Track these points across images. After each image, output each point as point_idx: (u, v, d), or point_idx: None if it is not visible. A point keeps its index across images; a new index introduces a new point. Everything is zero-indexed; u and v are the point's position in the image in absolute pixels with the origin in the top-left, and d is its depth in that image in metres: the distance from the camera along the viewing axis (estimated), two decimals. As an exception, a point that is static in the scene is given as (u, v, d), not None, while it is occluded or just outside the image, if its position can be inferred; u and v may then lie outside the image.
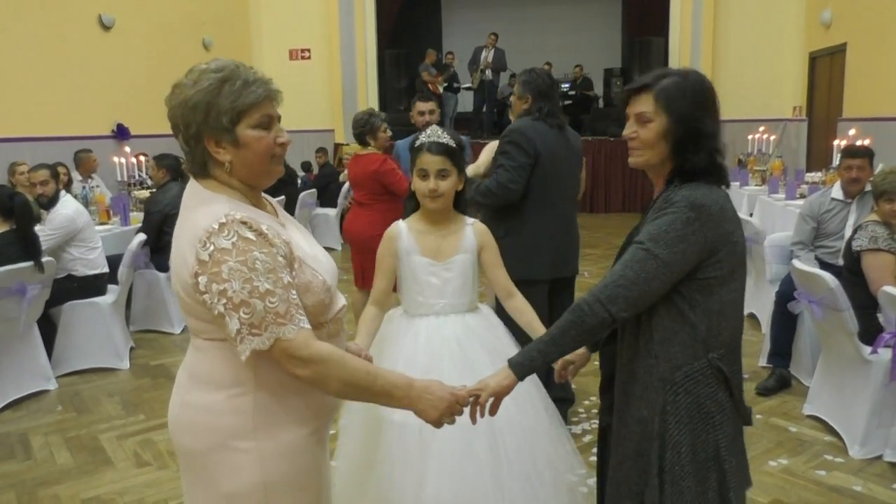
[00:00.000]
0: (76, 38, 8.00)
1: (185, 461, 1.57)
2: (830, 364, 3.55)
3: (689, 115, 1.60)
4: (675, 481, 1.60)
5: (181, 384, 1.55)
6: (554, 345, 1.64)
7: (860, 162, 4.09)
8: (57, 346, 4.52)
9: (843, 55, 9.32)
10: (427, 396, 1.55)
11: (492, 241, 2.39)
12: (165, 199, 5.33)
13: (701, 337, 1.60)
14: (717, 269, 1.59)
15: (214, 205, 1.42)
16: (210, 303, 1.36)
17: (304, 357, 1.39)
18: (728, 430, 1.63)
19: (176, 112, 1.44)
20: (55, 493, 3.11)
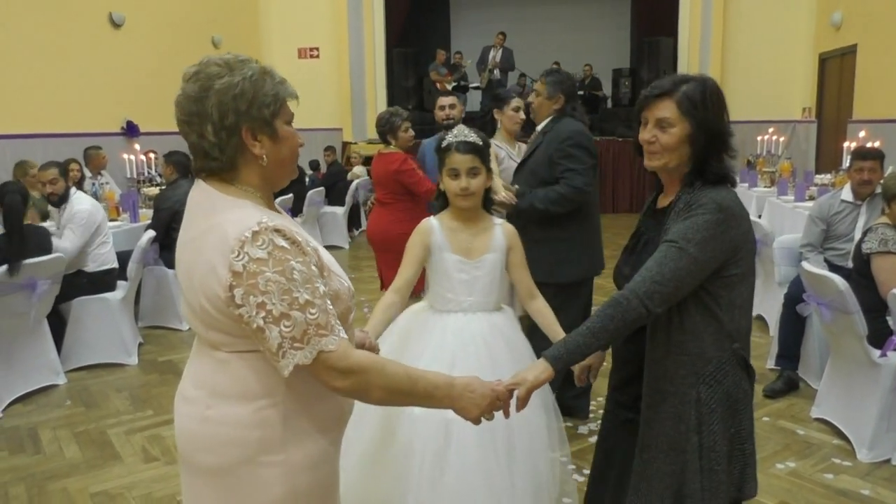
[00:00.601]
0: (86, 36, 8.04)
1: (203, 479, 1.45)
2: (839, 367, 3.53)
3: (710, 122, 1.69)
4: (712, 467, 1.70)
5: (197, 400, 1.44)
6: (594, 337, 1.67)
7: (871, 164, 4.08)
8: (66, 341, 4.54)
9: (853, 57, 9.28)
10: (468, 395, 1.52)
11: (519, 243, 2.42)
12: (175, 195, 5.34)
13: (726, 330, 1.70)
14: (739, 266, 1.69)
15: (242, 211, 1.34)
16: (247, 316, 1.28)
17: (344, 368, 1.33)
18: (748, 411, 1.76)
19: (208, 100, 1.33)
20: (64, 486, 3.13)
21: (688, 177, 1.73)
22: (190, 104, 1.35)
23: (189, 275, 1.37)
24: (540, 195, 3.19)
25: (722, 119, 1.72)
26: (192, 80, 1.36)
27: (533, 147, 3.39)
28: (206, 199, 1.39)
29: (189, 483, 1.50)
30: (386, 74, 12.01)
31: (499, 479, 2.14)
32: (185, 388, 1.49)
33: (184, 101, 1.36)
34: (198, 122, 1.35)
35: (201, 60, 1.39)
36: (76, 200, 4.55)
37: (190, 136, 1.38)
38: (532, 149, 3.40)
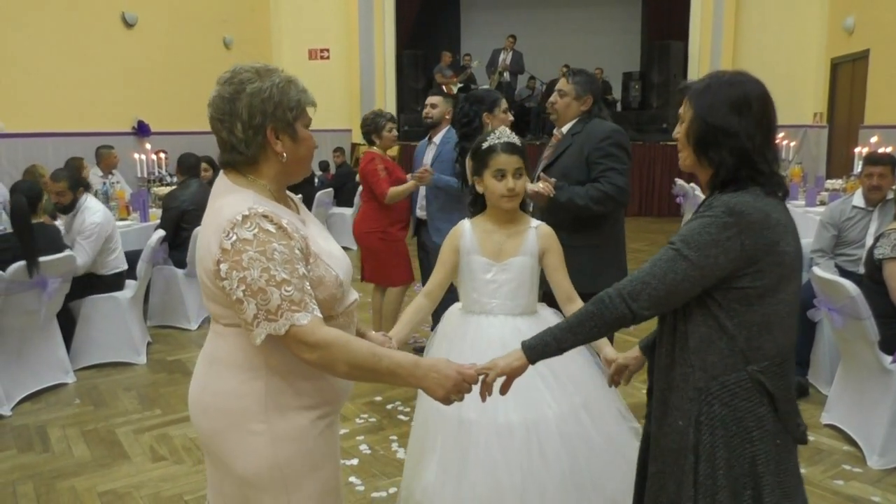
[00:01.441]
0: (99, 36, 8.09)
1: (205, 443, 1.66)
2: (850, 373, 3.51)
3: (708, 112, 1.57)
4: (708, 494, 1.56)
5: (201, 368, 1.64)
6: (570, 332, 1.64)
7: (881, 169, 4.05)
8: (76, 339, 4.56)
9: (865, 62, 9.23)
10: (433, 374, 1.59)
11: (557, 245, 2.36)
12: (184, 195, 5.37)
13: (739, 348, 1.55)
14: (757, 279, 1.53)
15: (240, 197, 1.51)
16: (229, 288, 1.44)
17: (312, 342, 1.46)
18: (768, 446, 1.57)
19: (240, 100, 1.51)
20: (72, 485, 3.14)
21: (711, 181, 1.61)
22: (224, 104, 1.53)
23: (198, 251, 1.56)
24: (580, 191, 3.02)
25: (729, 111, 1.55)
26: (226, 84, 1.54)
27: (561, 149, 3.21)
28: (221, 187, 1.58)
29: (202, 445, 1.71)
30: (396, 76, 12.04)
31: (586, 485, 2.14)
32: (199, 358, 1.69)
33: (218, 101, 1.54)
34: (229, 120, 1.53)
35: (234, 68, 1.56)
36: (88, 210, 4.49)
37: (221, 132, 1.55)
38: (560, 151, 3.21)
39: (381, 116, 4.56)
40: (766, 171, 1.56)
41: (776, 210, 1.56)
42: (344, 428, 3.54)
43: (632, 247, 8.37)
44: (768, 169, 1.57)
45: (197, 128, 9.10)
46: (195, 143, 7.86)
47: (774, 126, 1.60)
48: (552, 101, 3.29)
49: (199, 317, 5.44)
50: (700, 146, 1.59)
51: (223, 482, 1.64)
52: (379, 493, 3.01)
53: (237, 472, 1.57)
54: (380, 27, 11.76)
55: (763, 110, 1.57)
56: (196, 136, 8.89)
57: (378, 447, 3.44)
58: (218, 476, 1.65)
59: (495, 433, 2.13)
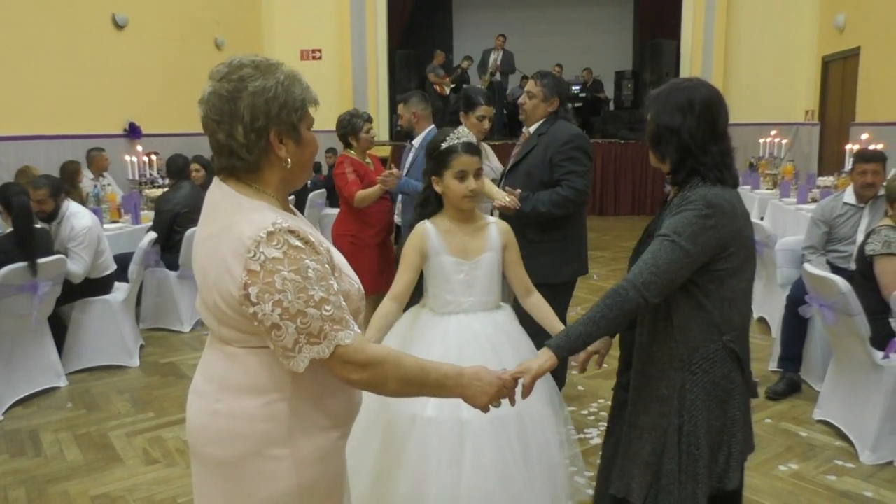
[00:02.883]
0: (89, 38, 8.05)
1: (212, 471, 1.49)
2: (841, 369, 3.52)
3: (658, 114, 1.81)
4: (690, 451, 1.78)
5: (207, 394, 1.48)
6: (595, 326, 1.75)
7: (874, 166, 4.07)
8: (67, 343, 4.54)
9: (856, 59, 9.27)
10: (476, 383, 1.58)
11: (514, 240, 2.43)
12: (176, 197, 5.36)
13: (715, 322, 1.78)
14: (728, 261, 1.77)
15: (258, 213, 1.37)
16: (262, 314, 1.31)
17: (362, 361, 1.38)
18: (739, 404, 1.82)
19: (241, 101, 1.36)
20: (65, 489, 3.13)
21: (673, 177, 1.84)
22: (222, 103, 1.37)
23: (204, 272, 1.41)
24: (543, 198, 3.18)
25: (679, 113, 1.78)
26: (224, 80, 1.38)
27: (527, 149, 3.36)
28: (224, 198, 1.42)
29: (199, 476, 1.53)
30: (388, 76, 12.02)
31: (516, 478, 2.15)
32: (197, 383, 1.53)
33: (215, 100, 1.38)
34: (228, 122, 1.37)
35: (230, 61, 1.41)
36: (74, 217, 4.40)
37: (217, 134, 1.40)
38: (526, 150, 3.36)
39: (357, 117, 4.43)
40: (708, 163, 1.79)
41: (737, 200, 1.81)
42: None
43: (624, 245, 8.39)
44: (711, 161, 1.79)
45: (188, 129, 9.09)
46: (187, 145, 7.84)
47: (720, 124, 1.82)
48: (521, 101, 3.41)
49: (192, 319, 5.42)
50: (652, 144, 1.84)
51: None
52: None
53: (256, 499, 1.45)
54: (372, 27, 11.74)
55: (706, 111, 1.79)
56: (188, 138, 8.87)
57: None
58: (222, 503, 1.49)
59: (492, 428, 2.14)
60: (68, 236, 4.36)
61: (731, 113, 1.84)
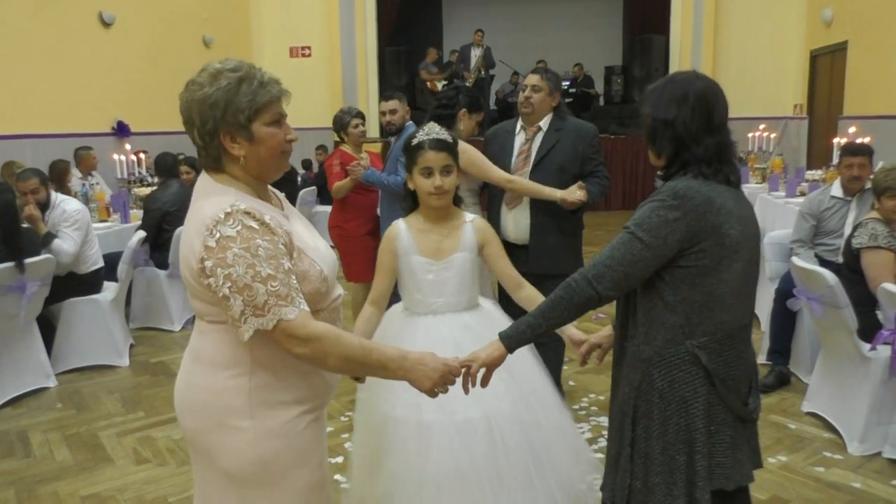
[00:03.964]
0: (76, 36, 7.99)
1: (190, 441, 1.66)
2: (830, 361, 3.55)
3: (654, 108, 1.75)
4: (644, 454, 1.72)
5: (185, 366, 1.64)
6: (543, 318, 1.74)
7: (861, 160, 4.09)
8: (57, 343, 4.52)
9: (843, 53, 9.31)
10: (420, 367, 1.63)
11: (494, 236, 2.41)
12: (165, 196, 5.34)
13: (680, 323, 1.68)
14: (699, 258, 1.65)
15: (221, 196, 1.51)
16: (214, 286, 1.44)
17: (303, 336, 1.47)
18: (702, 417, 1.68)
19: (192, 108, 1.52)
20: (54, 490, 3.12)
21: (667, 172, 1.78)
22: (183, 110, 1.55)
23: (181, 250, 1.56)
24: (595, 191, 3.34)
25: (674, 106, 1.71)
26: (185, 89, 1.54)
27: (550, 143, 3.37)
28: (202, 186, 1.58)
29: (188, 445, 1.70)
30: (378, 73, 11.99)
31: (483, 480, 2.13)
32: (184, 357, 1.68)
33: (181, 107, 1.55)
34: (189, 126, 1.55)
35: (202, 67, 1.55)
36: (65, 202, 4.52)
37: (190, 136, 1.57)
38: (550, 145, 3.37)
39: (346, 113, 4.56)
40: (702, 155, 1.70)
41: (721, 196, 1.67)
42: (329, 426, 3.53)
43: (616, 240, 8.39)
44: (704, 154, 1.70)
45: (177, 128, 8.98)
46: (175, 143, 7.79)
47: (716, 117, 1.73)
48: (527, 96, 3.39)
49: (182, 318, 5.41)
50: (649, 139, 1.78)
51: (209, 480, 1.63)
52: (364, 490, 3.01)
53: (222, 468, 1.57)
54: (361, 24, 11.71)
55: (700, 102, 1.72)
56: (176, 136, 8.80)
57: (363, 445, 3.44)
58: (203, 474, 1.65)
59: (457, 431, 2.12)
60: (60, 218, 4.41)
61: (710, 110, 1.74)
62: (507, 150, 3.47)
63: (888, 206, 3.39)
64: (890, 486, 2.95)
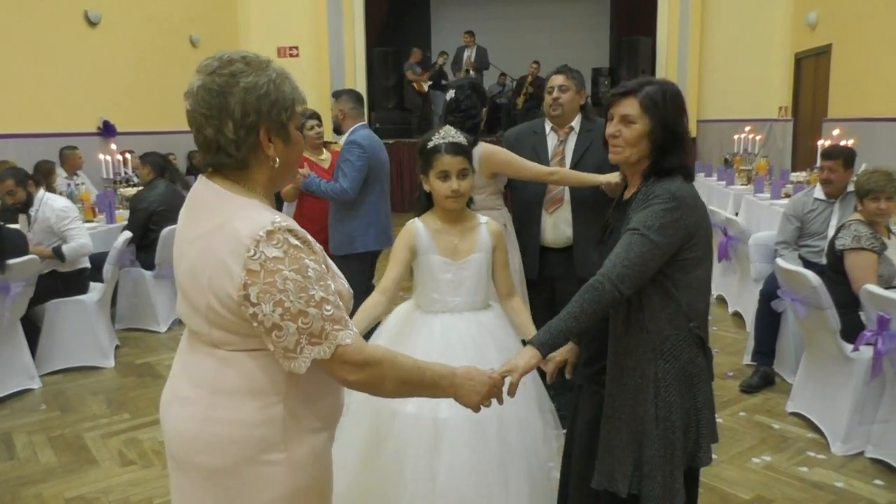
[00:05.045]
0: (62, 34, 7.94)
1: (204, 481, 1.42)
2: (813, 362, 3.58)
3: (667, 120, 1.83)
4: (667, 436, 1.84)
5: (196, 400, 1.42)
6: (575, 321, 1.78)
7: (832, 163, 4.16)
8: (41, 344, 4.49)
9: (828, 56, 9.39)
10: (469, 383, 1.60)
11: (503, 242, 2.45)
12: (151, 196, 5.31)
13: (682, 310, 1.84)
14: (694, 251, 1.83)
15: (253, 210, 1.35)
16: (262, 314, 1.29)
17: (360, 361, 1.37)
18: (704, 387, 1.90)
19: (232, 96, 1.33)
20: (38, 492, 3.09)
21: (647, 170, 1.88)
22: (212, 97, 1.34)
23: (195, 273, 1.36)
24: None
25: (679, 119, 1.85)
26: (214, 74, 1.35)
27: (584, 145, 3.29)
28: (212, 196, 1.39)
29: (184, 486, 1.47)
30: (366, 73, 11.97)
31: (492, 479, 2.16)
32: (181, 389, 1.46)
33: (204, 94, 1.34)
34: (218, 117, 1.34)
35: (220, 56, 1.37)
36: (51, 200, 4.52)
37: (205, 129, 1.36)
38: (584, 147, 3.28)
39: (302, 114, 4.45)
40: (685, 158, 1.89)
41: (696, 192, 1.87)
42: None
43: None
44: (686, 155, 1.89)
45: (164, 127, 8.99)
46: (162, 143, 7.76)
47: None
48: (555, 97, 3.27)
49: (169, 319, 5.38)
50: (660, 149, 1.84)
51: None
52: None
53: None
54: (349, 24, 11.69)
55: (683, 106, 1.88)
56: (163, 136, 8.78)
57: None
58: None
59: (470, 428, 2.15)
60: (57, 218, 4.42)
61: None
62: (541, 153, 3.33)
63: (870, 209, 3.43)
64: (872, 486, 2.99)
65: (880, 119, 7.82)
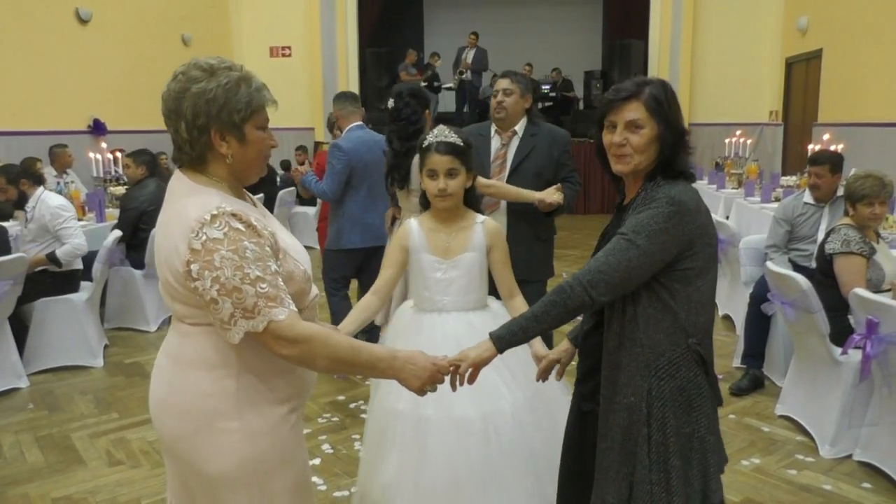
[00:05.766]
0: (53, 32, 7.89)
1: (170, 445, 1.61)
2: (802, 365, 3.60)
3: (674, 120, 1.72)
4: (661, 461, 1.70)
5: (164, 369, 1.60)
6: (536, 321, 1.72)
7: (818, 169, 4.18)
8: (29, 343, 4.45)
9: (818, 61, 9.46)
10: (409, 366, 1.64)
11: (502, 241, 2.44)
12: (142, 195, 5.28)
13: (681, 325, 1.71)
14: (694, 260, 1.70)
15: (205, 197, 1.49)
16: (202, 289, 1.42)
17: (291, 337, 1.46)
18: (707, 410, 1.75)
19: (185, 100, 1.48)
20: (25, 492, 3.07)
21: (650, 174, 1.75)
22: (170, 101, 1.50)
23: (159, 250, 1.53)
24: (569, 195, 3.28)
25: (680, 117, 1.76)
26: (175, 80, 1.51)
27: (526, 149, 3.33)
28: (178, 185, 1.56)
29: (165, 456, 1.67)
30: (359, 74, 11.96)
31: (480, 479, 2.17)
32: (158, 359, 1.64)
33: (166, 98, 1.51)
34: (175, 118, 1.51)
35: (189, 62, 1.53)
36: (48, 197, 4.49)
37: (169, 128, 1.53)
38: (527, 151, 3.32)
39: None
40: (685, 160, 1.76)
41: (699, 196, 1.73)
42: (306, 428, 3.51)
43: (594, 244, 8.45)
44: (688, 160, 1.77)
45: (154, 126, 8.93)
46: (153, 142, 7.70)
47: None
48: (499, 101, 3.32)
49: (158, 318, 5.35)
50: (669, 151, 1.72)
51: (190, 484, 1.60)
52: (341, 492, 3.00)
53: (208, 472, 1.54)
54: (342, 25, 11.68)
55: (680, 109, 1.78)
56: (154, 135, 8.72)
57: (340, 446, 3.43)
58: (183, 479, 1.61)
59: (454, 427, 2.16)
60: (52, 216, 4.39)
61: (697, 113, 1.84)
62: (483, 155, 3.38)
63: (864, 214, 3.43)
64: (860, 489, 3.00)
65: (870, 124, 7.88)
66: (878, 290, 3.29)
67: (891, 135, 7.51)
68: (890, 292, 3.34)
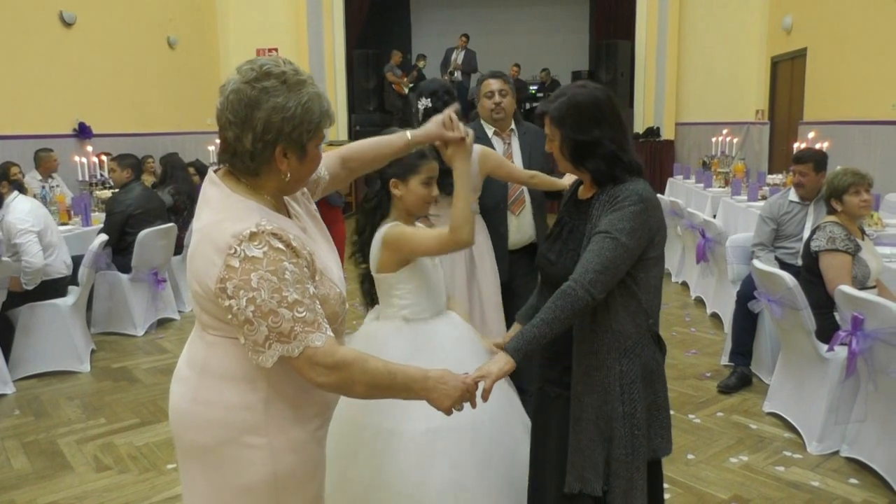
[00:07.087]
0: (37, 35, 7.82)
1: (192, 457, 1.55)
2: (789, 362, 3.62)
3: (575, 131, 1.86)
4: (633, 433, 1.87)
5: (189, 379, 1.53)
6: (549, 328, 1.78)
7: (802, 168, 4.22)
8: (15, 348, 4.42)
9: (803, 60, 9.52)
10: (441, 386, 1.60)
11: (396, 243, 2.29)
12: (128, 199, 5.25)
13: (643, 308, 1.89)
14: (655, 249, 1.88)
15: (245, 212, 1.42)
16: (236, 308, 1.37)
17: (330, 364, 1.42)
18: (663, 381, 1.95)
19: (258, 111, 1.40)
20: (11, 499, 3.04)
21: (593, 180, 1.90)
22: (240, 107, 1.41)
23: (191, 259, 1.47)
24: None
25: (591, 124, 1.85)
26: (249, 84, 1.41)
27: (528, 147, 3.37)
28: (216, 194, 1.48)
29: (183, 465, 1.60)
30: (346, 76, 11.94)
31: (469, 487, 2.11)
32: (180, 369, 1.58)
33: (234, 101, 1.42)
34: (240, 126, 1.41)
35: (261, 65, 1.44)
36: (17, 203, 4.37)
37: (227, 131, 1.44)
38: (529, 149, 3.37)
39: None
40: (629, 161, 1.88)
41: (653, 191, 1.90)
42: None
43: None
44: (630, 159, 1.88)
45: (140, 129, 8.90)
46: (139, 145, 7.68)
47: (624, 121, 1.92)
48: (497, 101, 3.33)
49: (146, 323, 5.32)
50: (577, 160, 1.89)
51: (212, 495, 1.53)
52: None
53: (233, 485, 1.50)
54: (329, 26, 11.65)
55: (614, 113, 1.88)
56: (140, 138, 8.69)
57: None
58: (208, 491, 1.54)
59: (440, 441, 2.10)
60: (9, 226, 4.24)
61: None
62: None
63: (854, 203, 3.43)
64: (847, 485, 3.02)
65: (855, 122, 7.94)
66: (864, 287, 3.32)
67: (875, 132, 7.58)
68: (875, 289, 3.37)
